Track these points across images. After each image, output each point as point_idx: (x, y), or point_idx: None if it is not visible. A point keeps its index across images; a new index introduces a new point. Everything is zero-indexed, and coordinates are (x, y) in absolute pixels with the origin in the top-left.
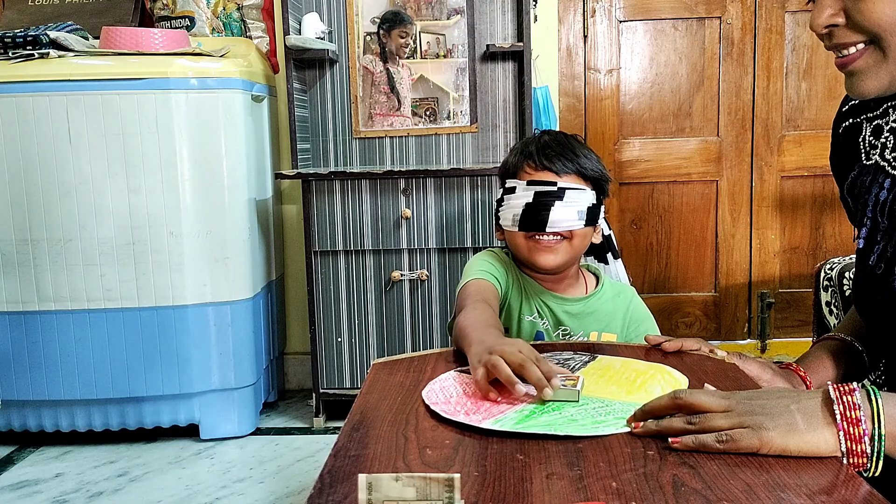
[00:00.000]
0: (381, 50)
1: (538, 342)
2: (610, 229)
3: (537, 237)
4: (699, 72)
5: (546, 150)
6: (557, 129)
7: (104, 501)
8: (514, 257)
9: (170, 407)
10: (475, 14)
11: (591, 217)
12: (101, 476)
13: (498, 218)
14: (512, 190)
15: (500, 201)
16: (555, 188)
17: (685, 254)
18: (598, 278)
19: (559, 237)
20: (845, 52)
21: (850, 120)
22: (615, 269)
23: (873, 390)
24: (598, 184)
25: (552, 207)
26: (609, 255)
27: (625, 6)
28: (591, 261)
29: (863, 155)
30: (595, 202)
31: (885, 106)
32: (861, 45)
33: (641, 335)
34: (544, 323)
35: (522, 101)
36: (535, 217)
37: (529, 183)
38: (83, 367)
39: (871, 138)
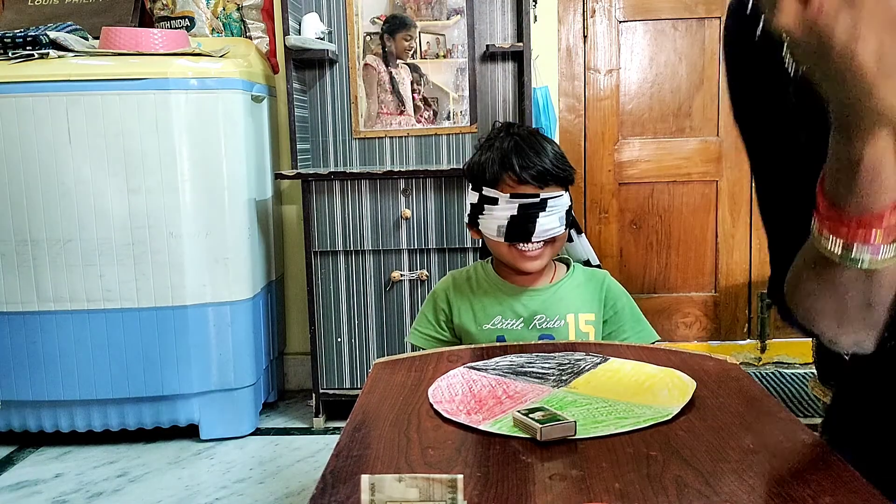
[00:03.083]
0: (382, 52)
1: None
2: (571, 201)
3: (521, 246)
4: (699, 72)
5: (524, 159)
6: (557, 129)
7: (104, 502)
8: (493, 260)
9: (170, 407)
10: (475, 14)
11: (569, 217)
12: (100, 476)
13: (475, 222)
14: (494, 201)
15: (477, 207)
16: (538, 199)
17: (685, 254)
18: (567, 266)
19: (542, 243)
20: None
21: None
22: (580, 245)
23: None
24: (569, 182)
25: (537, 219)
26: (573, 232)
27: (624, 6)
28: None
29: None
30: (570, 202)
31: None
32: None
33: (620, 311)
34: (513, 323)
35: (522, 101)
36: (520, 229)
37: (513, 196)
38: (83, 368)
39: None
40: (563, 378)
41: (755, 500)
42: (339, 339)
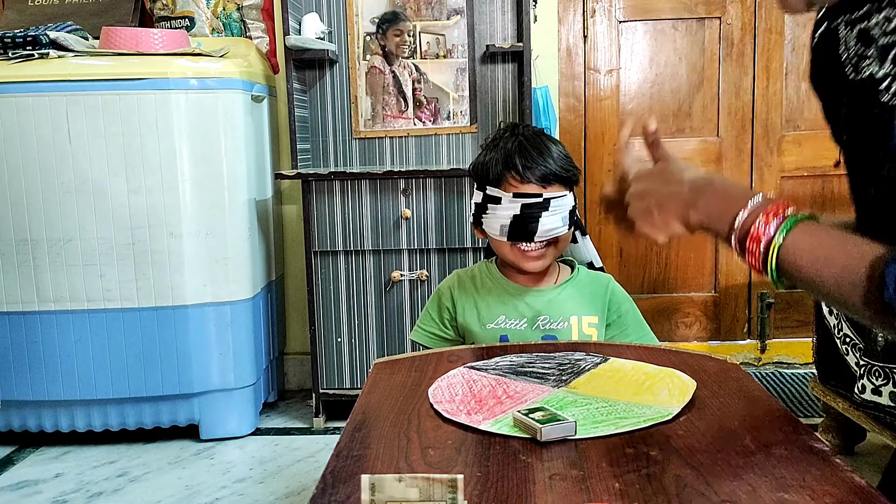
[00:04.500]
0: (382, 52)
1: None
2: (575, 201)
3: (524, 246)
4: (699, 72)
5: (527, 160)
6: (557, 129)
7: (104, 501)
8: (498, 259)
9: (170, 407)
10: (475, 14)
11: (572, 218)
12: (100, 476)
13: (479, 221)
14: (497, 200)
15: (481, 207)
16: (541, 199)
17: (685, 254)
18: (572, 268)
19: (545, 243)
20: None
21: (826, 24)
22: (584, 247)
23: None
24: (573, 182)
25: (540, 219)
26: (577, 233)
27: (625, 6)
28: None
29: (850, 69)
30: (574, 202)
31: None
32: None
33: (624, 316)
34: (517, 323)
35: (522, 101)
36: (523, 228)
37: (516, 195)
38: (83, 367)
39: (859, 46)
40: (564, 378)
41: (755, 500)
42: (339, 339)
